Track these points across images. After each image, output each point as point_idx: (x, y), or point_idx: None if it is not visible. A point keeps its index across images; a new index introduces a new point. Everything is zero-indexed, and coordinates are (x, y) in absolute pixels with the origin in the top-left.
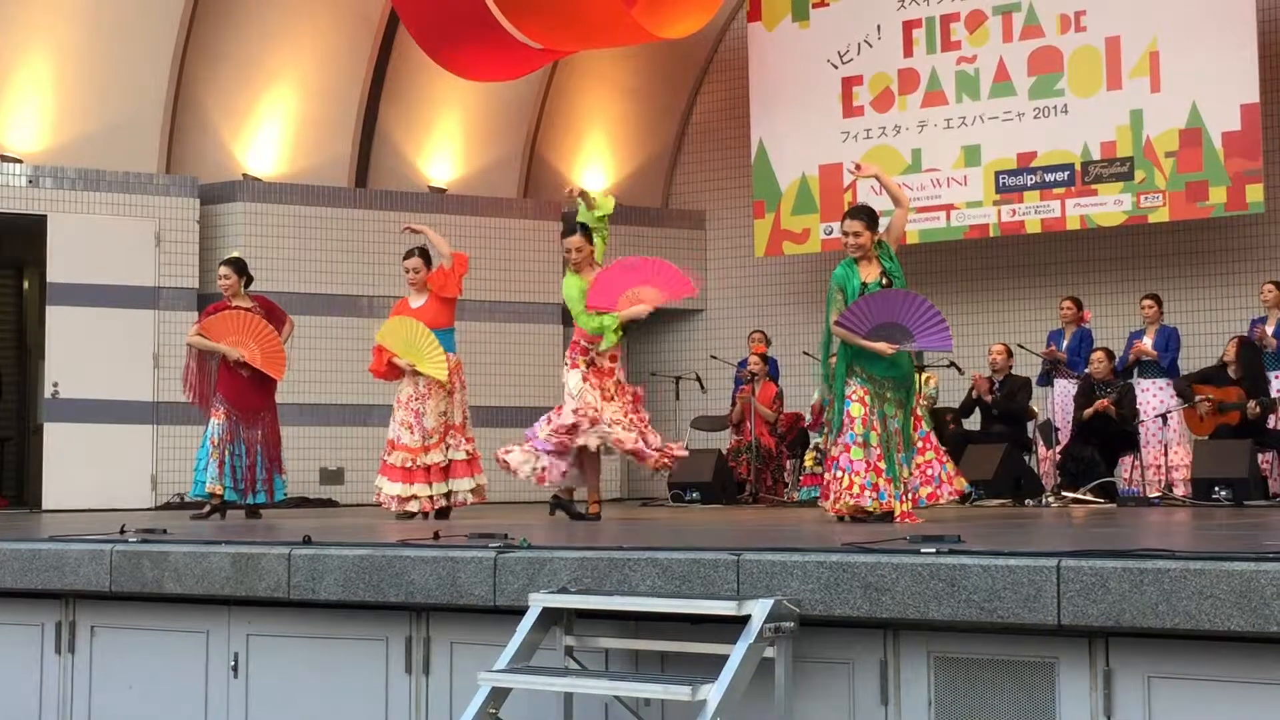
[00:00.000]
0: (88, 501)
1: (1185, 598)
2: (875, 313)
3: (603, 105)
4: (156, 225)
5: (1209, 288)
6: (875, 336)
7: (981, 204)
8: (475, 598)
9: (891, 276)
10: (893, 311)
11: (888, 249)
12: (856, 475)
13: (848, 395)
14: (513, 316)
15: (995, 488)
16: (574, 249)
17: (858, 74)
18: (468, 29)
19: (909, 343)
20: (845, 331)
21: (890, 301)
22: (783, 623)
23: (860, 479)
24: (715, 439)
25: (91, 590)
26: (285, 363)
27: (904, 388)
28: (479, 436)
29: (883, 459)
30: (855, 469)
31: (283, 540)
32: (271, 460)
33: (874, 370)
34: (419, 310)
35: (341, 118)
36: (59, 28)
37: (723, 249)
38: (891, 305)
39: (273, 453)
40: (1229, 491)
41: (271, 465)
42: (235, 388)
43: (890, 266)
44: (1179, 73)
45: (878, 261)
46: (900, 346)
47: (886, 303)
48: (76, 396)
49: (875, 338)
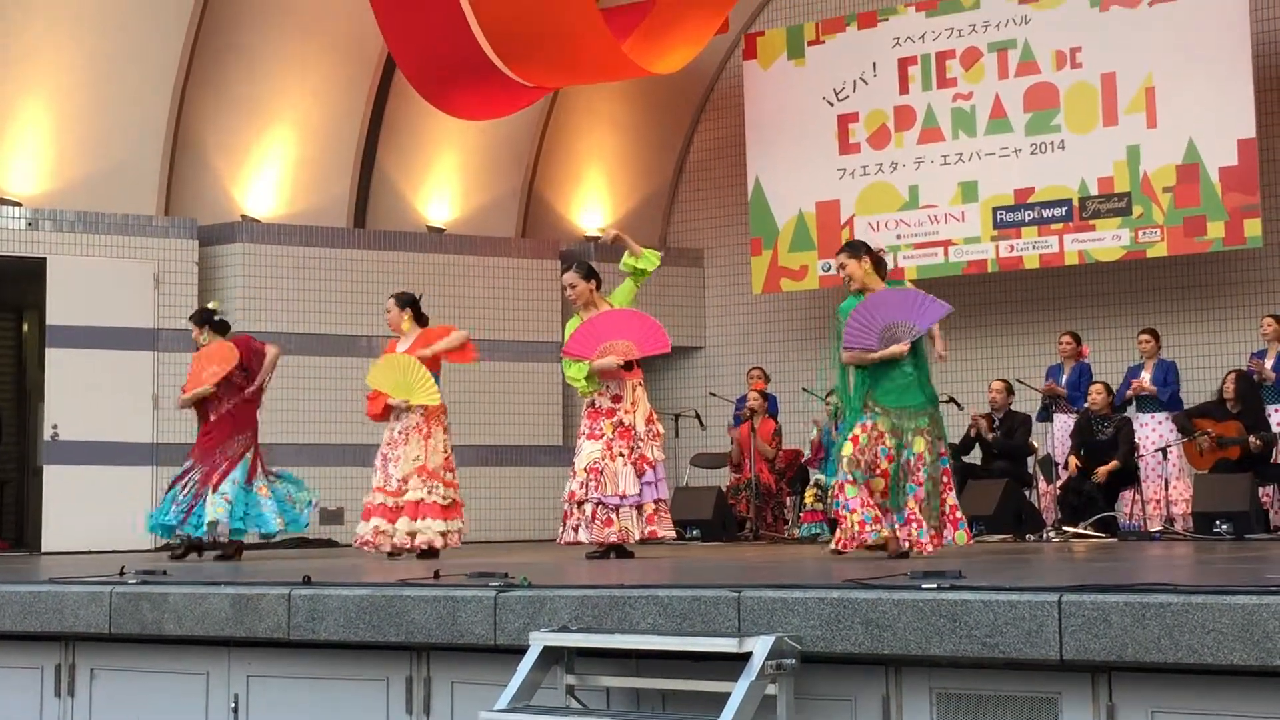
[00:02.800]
0: (87, 543)
1: (1188, 632)
2: (875, 318)
3: (600, 144)
4: (155, 267)
5: (1207, 322)
6: (885, 343)
7: (979, 240)
8: (476, 637)
9: None
10: (889, 311)
11: (899, 286)
12: (853, 513)
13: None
14: (511, 355)
15: (996, 523)
16: (567, 285)
17: (854, 111)
18: (461, 70)
19: (915, 329)
20: (856, 353)
21: (883, 302)
22: (784, 660)
23: (858, 515)
24: (715, 476)
25: (91, 632)
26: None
27: (924, 415)
28: (477, 475)
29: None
30: (851, 506)
31: (282, 581)
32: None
33: (888, 402)
34: (405, 351)
35: (340, 159)
36: (58, 71)
37: (721, 286)
38: (887, 305)
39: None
40: (1230, 525)
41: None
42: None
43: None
44: (1175, 108)
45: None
46: (910, 337)
47: (881, 305)
48: (76, 438)
49: (885, 345)
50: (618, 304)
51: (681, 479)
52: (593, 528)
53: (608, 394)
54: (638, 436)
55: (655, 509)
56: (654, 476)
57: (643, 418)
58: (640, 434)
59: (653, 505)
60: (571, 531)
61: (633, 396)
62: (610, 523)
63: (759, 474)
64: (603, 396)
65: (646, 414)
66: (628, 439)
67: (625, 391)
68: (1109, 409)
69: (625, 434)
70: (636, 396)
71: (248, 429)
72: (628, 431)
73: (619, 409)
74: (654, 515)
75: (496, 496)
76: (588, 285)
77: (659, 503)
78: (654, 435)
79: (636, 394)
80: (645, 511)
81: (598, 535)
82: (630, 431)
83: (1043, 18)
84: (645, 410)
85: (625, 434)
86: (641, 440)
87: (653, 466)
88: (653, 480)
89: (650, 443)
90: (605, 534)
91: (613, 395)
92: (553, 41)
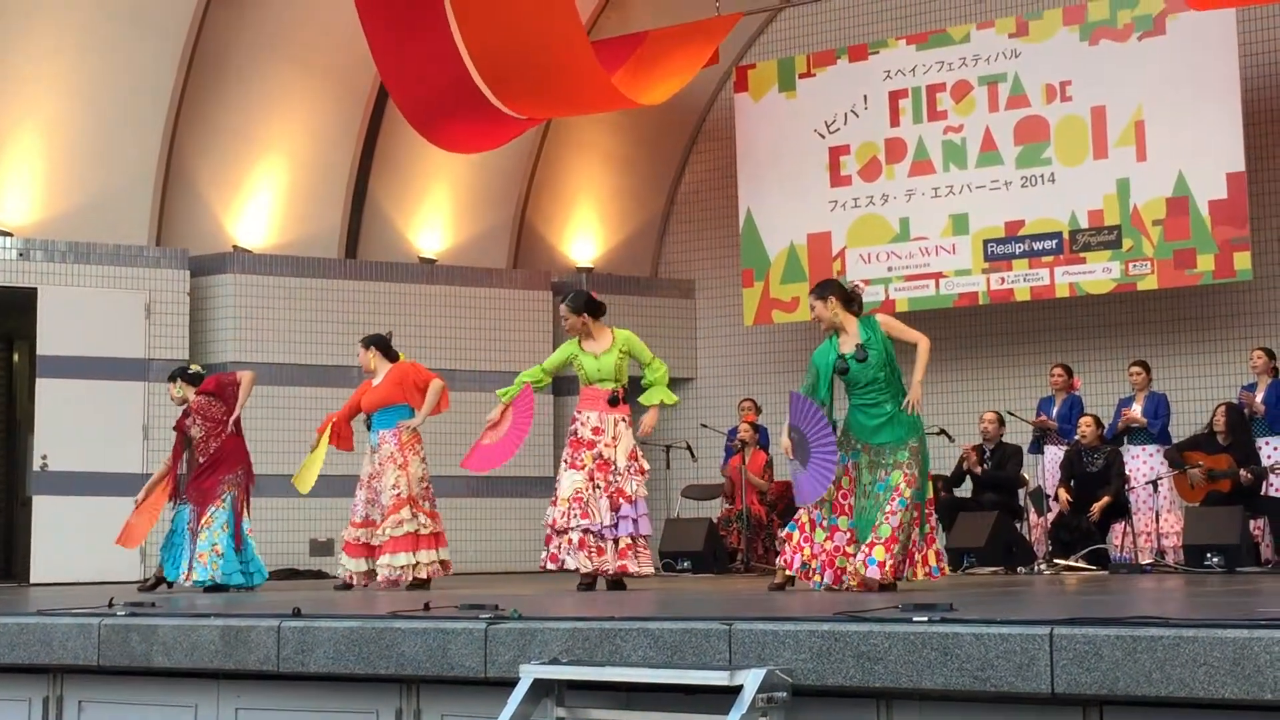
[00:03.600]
0: (77, 575)
1: (1179, 665)
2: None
3: (592, 175)
4: (147, 297)
5: (1197, 354)
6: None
7: (970, 272)
8: (466, 669)
9: (868, 349)
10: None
11: (872, 322)
12: (800, 551)
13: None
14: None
15: (987, 555)
16: (563, 318)
17: (845, 143)
18: (454, 103)
19: (800, 470)
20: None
21: (796, 408)
22: (775, 693)
23: (805, 554)
24: (706, 508)
25: (79, 664)
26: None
27: (903, 449)
28: (467, 506)
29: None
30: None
31: (272, 613)
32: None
33: (865, 439)
34: (377, 387)
35: (332, 189)
36: (50, 101)
37: (712, 318)
38: (797, 412)
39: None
40: (1221, 558)
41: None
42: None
43: (869, 338)
44: (1165, 142)
45: (856, 333)
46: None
47: (796, 409)
48: (66, 469)
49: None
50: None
51: (672, 510)
52: (579, 556)
53: (589, 424)
54: (616, 470)
55: (631, 544)
56: (631, 512)
57: (624, 453)
58: (619, 468)
59: (628, 540)
60: (550, 561)
61: (614, 431)
62: (602, 551)
63: (750, 506)
64: (584, 426)
65: (629, 450)
66: (605, 472)
67: (607, 425)
68: (1099, 441)
69: (604, 467)
70: (618, 432)
71: (237, 466)
72: (606, 465)
73: (599, 441)
74: (626, 550)
75: (487, 528)
76: (579, 319)
77: (636, 539)
78: (636, 471)
79: (618, 429)
80: (619, 545)
81: (596, 563)
82: (609, 465)
83: (1033, 51)
84: (628, 446)
85: (604, 467)
86: (620, 475)
87: (631, 502)
88: (629, 515)
89: (630, 478)
90: (600, 562)
91: (593, 427)
92: (543, 73)
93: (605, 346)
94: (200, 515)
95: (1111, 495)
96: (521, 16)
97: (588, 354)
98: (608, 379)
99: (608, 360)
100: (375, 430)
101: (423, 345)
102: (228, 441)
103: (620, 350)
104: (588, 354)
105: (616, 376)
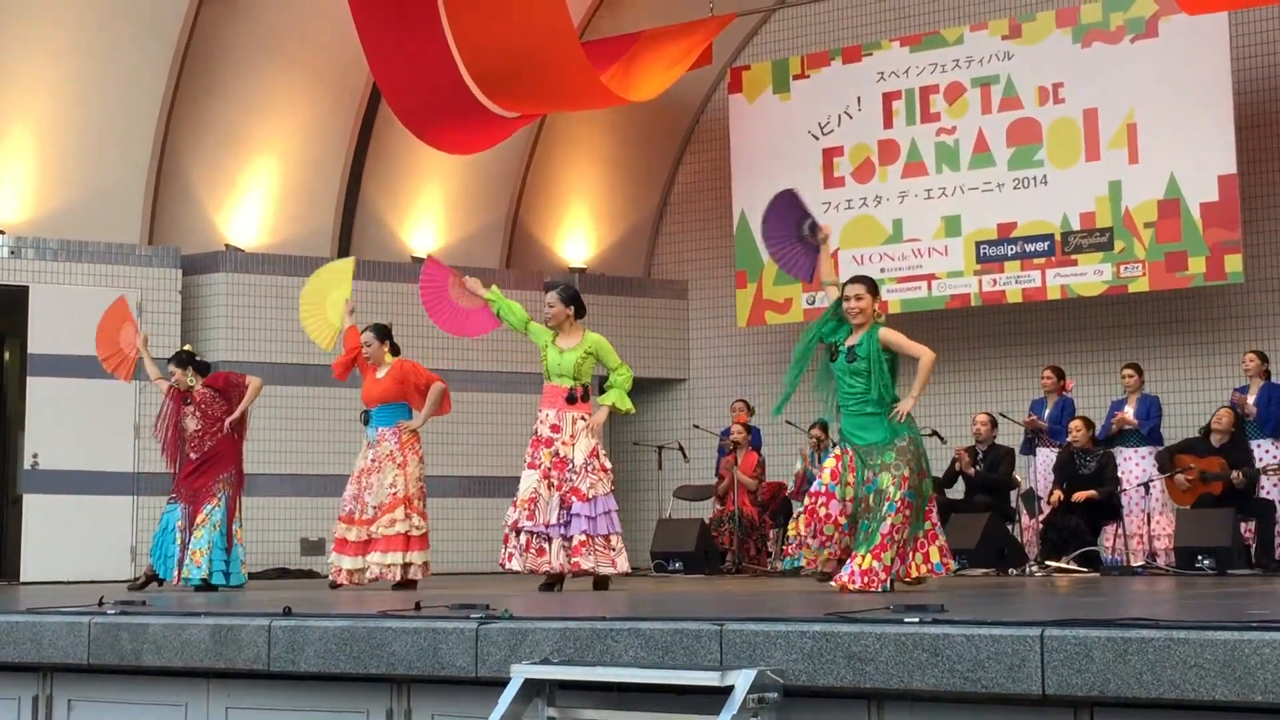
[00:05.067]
0: (67, 573)
1: (1170, 667)
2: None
3: (585, 176)
4: (139, 296)
5: (1189, 357)
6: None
7: (963, 274)
8: (457, 669)
9: (857, 354)
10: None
11: (874, 331)
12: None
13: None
14: (493, 386)
15: (978, 557)
16: (547, 304)
17: (838, 145)
18: (446, 104)
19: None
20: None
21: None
22: (766, 693)
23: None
24: (698, 508)
25: (69, 663)
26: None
27: (889, 450)
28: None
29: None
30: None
31: (263, 612)
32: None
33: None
34: (380, 380)
35: (324, 189)
36: (42, 99)
37: (705, 319)
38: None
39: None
40: (1212, 560)
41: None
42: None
43: (866, 346)
44: (1157, 144)
45: (859, 338)
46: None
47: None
48: (56, 467)
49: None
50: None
51: (664, 511)
52: (526, 557)
53: (547, 422)
54: (573, 468)
55: (586, 542)
56: (586, 510)
57: (583, 452)
58: (576, 466)
59: (581, 537)
60: (506, 560)
61: (572, 430)
62: (543, 553)
63: (741, 506)
64: (543, 424)
65: (589, 449)
66: (561, 470)
67: (565, 424)
68: (1090, 443)
69: (560, 465)
70: (576, 430)
71: (231, 466)
72: (562, 463)
73: (557, 439)
74: (580, 547)
75: (477, 527)
76: (565, 310)
77: (594, 537)
78: (595, 470)
79: (576, 427)
80: (572, 543)
81: (531, 564)
82: (565, 463)
83: (1025, 53)
84: (588, 446)
85: (560, 465)
86: (576, 473)
87: (586, 500)
88: (582, 514)
89: (587, 476)
90: (539, 563)
91: (551, 424)
92: (533, 70)
93: (573, 344)
94: (194, 514)
95: (1103, 496)
96: (513, 15)
97: (555, 347)
98: (566, 376)
99: (570, 357)
100: (374, 426)
101: (415, 345)
102: (223, 441)
103: (586, 350)
104: (555, 347)
105: (576, 375)
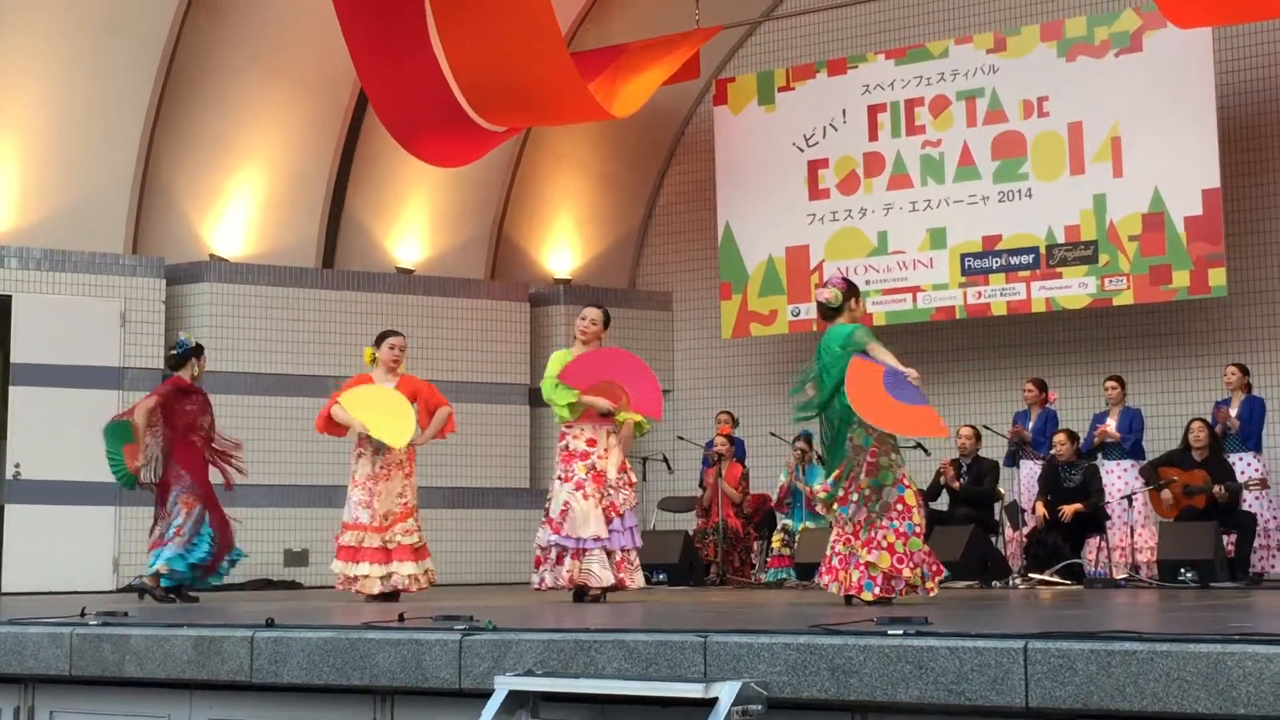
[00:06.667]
0: (49, 584)
1: (1153, 680)
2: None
3: (570, 187)
4: (122, 305)
5: (1172, 370)
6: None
7: (948, 286)
8: (440, 680)
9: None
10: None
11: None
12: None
13: (902, 479)
14: (479, 397)
15: (962, 569)
16: (588, 319)
17: (823, 157)
18: (434, 116)
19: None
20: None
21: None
22: (750, 705)
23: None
24: (682, 520)
25: (51, 674)
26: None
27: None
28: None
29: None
30: (916, 560)
31: (246, 623)
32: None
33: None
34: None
35: (309, 199)
36: (26, 108)
37: (690, 330)
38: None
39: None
40: (1195, 573)
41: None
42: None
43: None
44: (1141, 158)
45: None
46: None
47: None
48: (39, 478)
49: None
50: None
51: (648, 523)
52: (558, 571)
53: (582, 436)
54: (609, 484)
55: (624, 557)
56: (622, 525)
57: (615, 465)
58: (611, 481)
59: (620, 553)
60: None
61: (606, 443)
62: (561, 561)
63: (726, 518)
64: (576, 439)
65: (619, 463)
66: (600, 484)
67: (600, 437)
68: (1074, 456)
69: (598, 479)
70: (610, 444)
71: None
72: (600, 476)
73: (593, 453)
74: (622, 562)
75: (463, 539)
76: (603, 332)
77: (626, 551)
78: (625, 484)
79: (610, 441)
80: (614, 558)
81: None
82: (603, 477)
83: (1010, 67)
84: (618, 459)
85: (598, 479)
86: (613, 488)
87: (621, 516)
88: (620, 529)
89: (620, 490)
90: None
91: (587, 439)
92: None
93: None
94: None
95: (1087, 509)
96: (503, 28)
97: None
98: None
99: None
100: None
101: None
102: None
103: None
104: None
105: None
